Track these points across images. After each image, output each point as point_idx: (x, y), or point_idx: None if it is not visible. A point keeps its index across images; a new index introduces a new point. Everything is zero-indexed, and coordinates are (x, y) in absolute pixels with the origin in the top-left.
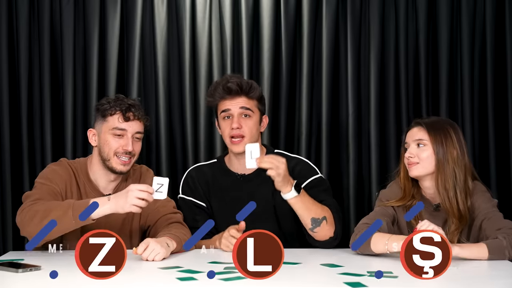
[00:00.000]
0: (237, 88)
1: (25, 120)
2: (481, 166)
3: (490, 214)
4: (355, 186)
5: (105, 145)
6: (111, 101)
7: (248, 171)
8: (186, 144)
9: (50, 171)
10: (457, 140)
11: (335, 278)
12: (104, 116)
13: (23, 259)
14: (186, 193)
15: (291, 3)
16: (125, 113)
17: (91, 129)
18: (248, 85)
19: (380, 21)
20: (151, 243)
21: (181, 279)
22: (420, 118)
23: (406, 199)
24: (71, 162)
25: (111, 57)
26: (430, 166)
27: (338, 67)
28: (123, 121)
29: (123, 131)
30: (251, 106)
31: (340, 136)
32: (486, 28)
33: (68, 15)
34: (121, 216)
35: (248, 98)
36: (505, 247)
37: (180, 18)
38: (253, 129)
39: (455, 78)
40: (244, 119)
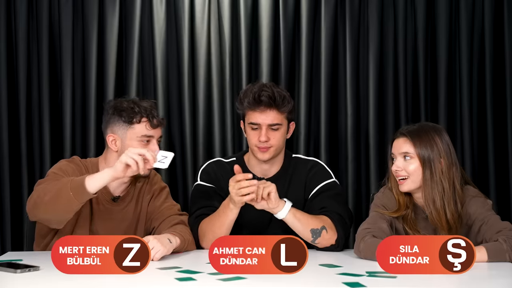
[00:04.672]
0: (269, 101)
1: (24, 120)
2: (479, 167)
3: (487, 218)
4: (354, 186)
5: None
6: (134, 106)
7: (268, 174)
8: (185, 144)
9: (63, 165)
10: (444, 147)
11: (334, 278)
12: (130, 122)
13: (21, 259)
14: (205, 181)
15: (290, 3)
16: (152, 119)
17: (112, 134)
18: (281, 98)
19: (378, 21)
20: (151, 240)
21: (180, 279)
22: (405, 127)
23: (401, 210)
24: (84, 160)
25: (109, 57)
26: (418, 180)
27: (337, 67)
28: (151, 128)
29: (150, 137)
30: (281, 120)
31: (338, 137)
32: (485, 28)
33: (66, 14)
34: (125, 222)
35: (278, 112)
36: (505, 250)
37: (178, 18)
38: (280, 140)
39: (454, 79)
40: (272, 132)
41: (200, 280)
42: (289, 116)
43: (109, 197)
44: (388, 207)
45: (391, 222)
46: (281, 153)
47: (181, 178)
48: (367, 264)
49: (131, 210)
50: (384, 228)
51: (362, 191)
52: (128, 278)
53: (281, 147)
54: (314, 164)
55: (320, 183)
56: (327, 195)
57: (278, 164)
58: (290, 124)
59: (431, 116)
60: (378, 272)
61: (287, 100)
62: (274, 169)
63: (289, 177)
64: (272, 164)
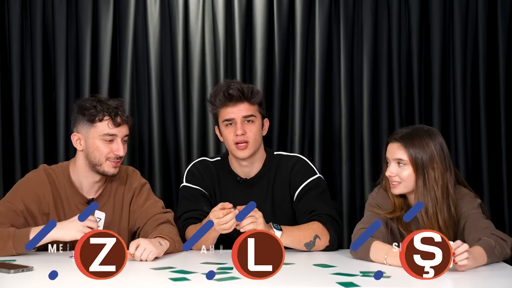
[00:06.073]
0: (238, 94)
1: (17, 120)
2: (473, 168)
3: (471, 216)
4: (348, 186)
5: (95, 150)
6: (97, 104)
7: (250, 174)
8: (179, 144)
9: (21, 185)
10: (438, 153)
11: (328, 278)
12: (92, 121)
13: (15, 259)
14: (192, 183)
15: (284, 3)
16: (114, 118)
17: (76, 134)
18: (249, 90)
19: (373, 21)
20: (142, 242)
21: (174, 279)
22: (400, 130)
23: (396, 212)
24: (51, 168)
25: (103, 57)
26: (411, 186)
27: (331, 67)
28: (113, 126)
29: (113, 136)
30: (254, 112)
31: (333, 137)
32: (479, 29)
33: (60, 14)
34: (107, 219)
35: (250, 104)
36: (493, 246)
37: (173, 18)
38: (257, 135)
39: (448, 79)
40: (248, 124)
41: (194, 280)
42: (261, 110)
43: (83, 200)
44: (382, 206)
45: (386, 222)
46: (260, 151)
47: (174, 179)
48: (361, 264)
49: (110, 210)
50: (380, 228)
51: (356, 192)
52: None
53: (258, 142)
54: (297, 160)
55: (304, 181)
56: (313, 195)
57: (259, 162)
58: (264, 120)
59: (425, 116)
60: (372, 272)
61: (256, 91)
62: (255, 169)
63: (272, 175)
64: (251, 164)
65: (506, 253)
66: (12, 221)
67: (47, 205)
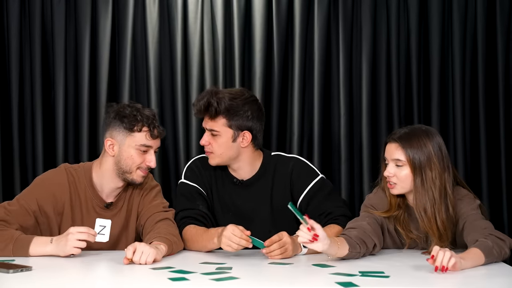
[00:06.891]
0: (198, 112)
1: (16, 121)
2: (472, 168)
3: (470, 216)
4: (347, 186)
5: (128, 159)
6: (137, 113)
7: (244, 177)
8: (178, 144)
9: (39, 184)
10: (436, 153)
11: (327, 278)
12: (131, 130)
13: (14, 259)
14: (190, 179)
15: (283, 3)
16: (153, 130)
17: (110, 139)
18: (204, 107)
19: (371, 21)
20: (138, 246)
21: (173, 279)
22: (398, 131)
23: (392, 211)
24: (73, 167)
25: (102, 57)
26: (408, 186)
27: (330, 68)
28: (151, 138)
29: (148, 147)
30: (218, 127)
31: (332, 137)
32: (477, 29)
33: (59, 14)
34: (117, 227)
35: (210, 120)
36: (491, 246)
37: (172, 18)
38: (222, 147)
39: (446, 79)
40: (213, 137)
41: (193, 280)
42: (232, 124)
43: (102, 204)
44: (377, 207)
45: (382, 223)
46: (247, 156)
47: (174, 178)
48: (360, 263)
49: (123, 214)
50: (363, 225)
51: (355, 192)
52: (120, 278)
53: (226, 155)
54: (296, 162)
55: (308, 184)
56: (322, 197)
57: (251, 166)
58: (242, 133)
59: (423, 116)
60: (371, 272)
61: (212, 106)
62: (249, 171)
63: (270, 177)
64: (239, 168)
65: (505, 253)
66: (22, 222)
67: (63, 205)
